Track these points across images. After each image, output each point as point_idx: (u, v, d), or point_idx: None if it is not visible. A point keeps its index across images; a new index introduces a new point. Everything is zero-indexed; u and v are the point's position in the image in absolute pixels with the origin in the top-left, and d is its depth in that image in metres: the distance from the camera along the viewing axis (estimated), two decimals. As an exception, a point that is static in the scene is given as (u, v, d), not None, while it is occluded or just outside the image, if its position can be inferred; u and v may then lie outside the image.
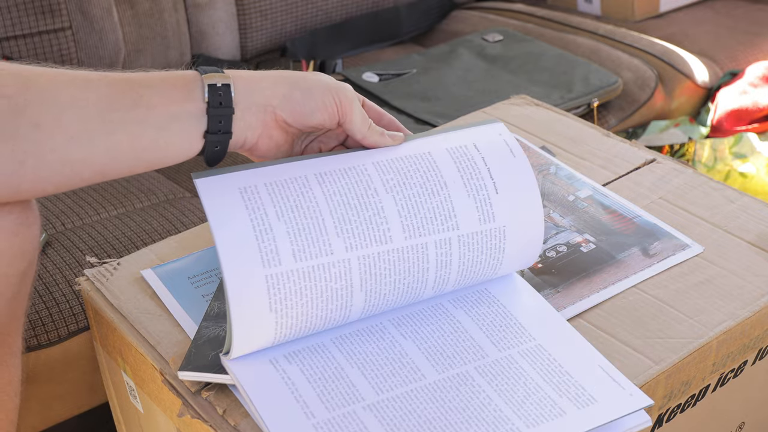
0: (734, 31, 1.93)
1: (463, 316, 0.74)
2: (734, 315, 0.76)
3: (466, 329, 0.73)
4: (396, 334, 0.72)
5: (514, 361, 0.70)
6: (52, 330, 1.10)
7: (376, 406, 0.66)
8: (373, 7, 1.94)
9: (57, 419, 1.16)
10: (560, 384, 0.68)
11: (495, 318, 0.74)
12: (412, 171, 0.72)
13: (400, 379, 0.68)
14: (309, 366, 0.69)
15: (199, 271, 0.84)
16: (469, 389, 0.68)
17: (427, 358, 0.70)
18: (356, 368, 0.69)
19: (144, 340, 0.78)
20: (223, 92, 0.68)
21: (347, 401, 0.66)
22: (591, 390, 0.67)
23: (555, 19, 1.95)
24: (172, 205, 1.32)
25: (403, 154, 0.73)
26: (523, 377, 0.68)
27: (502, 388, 0.68)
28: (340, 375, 0.68)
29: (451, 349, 0.71)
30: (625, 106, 1.68)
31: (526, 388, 0.68)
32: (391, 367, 0.69)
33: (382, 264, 0.69)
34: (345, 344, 0.71)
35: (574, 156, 0.99)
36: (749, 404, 0.85)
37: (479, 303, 0.75)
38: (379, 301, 0.71)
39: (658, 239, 0.85)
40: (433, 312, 0.74)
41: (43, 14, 1.51)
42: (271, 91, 0.70)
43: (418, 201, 0.71)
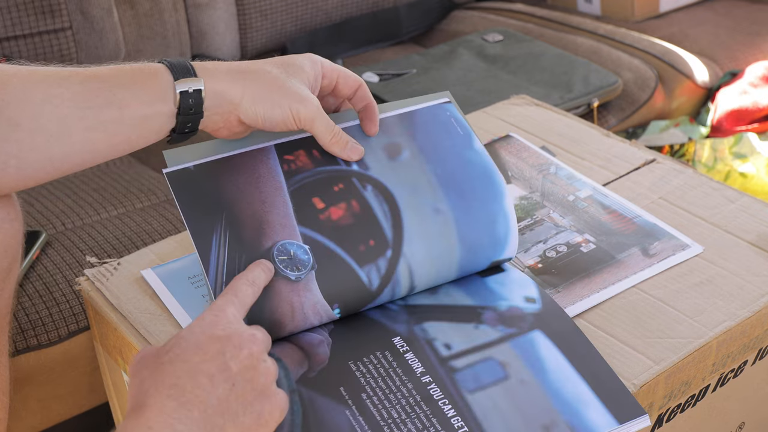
0: (734, 31, 1.93)
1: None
2: (734, 315, 0.76)
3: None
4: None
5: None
6: (52, 330, 1.10)
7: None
8: (373, 7, 1.94)
9: (57, 419, 1.16)
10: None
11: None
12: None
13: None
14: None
15: (199, 271, 0.84)
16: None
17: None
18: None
19: (144, 340, 0.78)
20: (194, 98, 0.70)
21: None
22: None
23: (555, 19, 1.95)
24: (172, 205, 1.32)
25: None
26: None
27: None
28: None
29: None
30: (625, 106, 1.68)
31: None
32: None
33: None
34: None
35: (574, 156, 0.99)
36: (749, 404, 0.85)
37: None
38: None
39: (658, 239, 0.85)
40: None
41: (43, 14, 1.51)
42: (238, 98, 0.72)
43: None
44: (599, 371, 0.69)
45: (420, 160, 0.79)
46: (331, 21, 1.88)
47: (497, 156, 0.98)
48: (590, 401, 0.67)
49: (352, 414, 0.66)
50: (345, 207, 0.75)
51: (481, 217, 0.77)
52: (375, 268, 0.73)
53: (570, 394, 0.67)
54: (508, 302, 0.75)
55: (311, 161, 0.77)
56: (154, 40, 1.67)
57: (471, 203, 0.77)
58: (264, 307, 0.70)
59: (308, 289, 0.71)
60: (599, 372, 0.69)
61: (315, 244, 0.73)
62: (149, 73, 0.70)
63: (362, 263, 0.73)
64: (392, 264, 0.74)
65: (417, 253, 0.75)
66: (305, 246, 0.72)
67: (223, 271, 0.71)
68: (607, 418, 0.66)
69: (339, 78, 0.79)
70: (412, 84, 1.62)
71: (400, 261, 0.74)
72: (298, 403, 0.66)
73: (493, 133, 1.04)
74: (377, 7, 1.94)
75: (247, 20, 1.77)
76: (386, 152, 0.79)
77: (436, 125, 0.82)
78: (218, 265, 0.71)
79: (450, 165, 0.79)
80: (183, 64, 0.71)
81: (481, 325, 0.73)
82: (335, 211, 0.75)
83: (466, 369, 0.69)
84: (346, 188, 0.76)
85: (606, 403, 0.67)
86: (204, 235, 0.72)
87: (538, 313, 0.74)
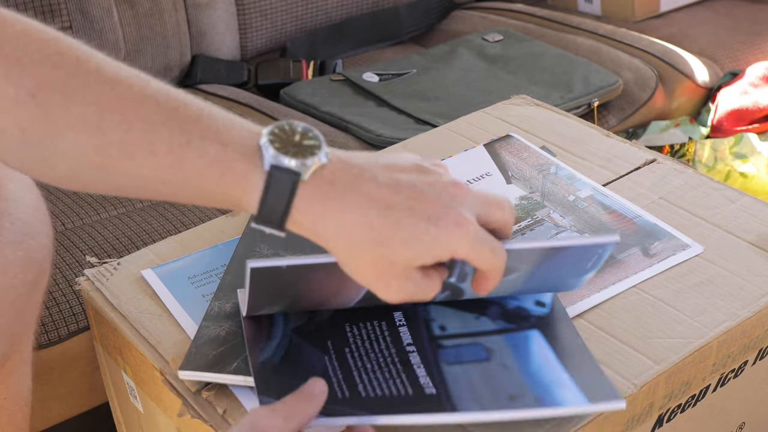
0: (734, 31, 1.93)
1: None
2: (734, 315, 0.76)
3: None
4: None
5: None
6: (52, 330, 1.10)
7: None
8: (373, 7, 1.94)
9: (57, 419, 1.16)
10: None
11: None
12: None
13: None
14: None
15: (199, 271, 0.84)
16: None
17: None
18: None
19: (144, 340, 0.78)
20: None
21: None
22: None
23: (555, 19, 1.95)
24: (172, 205, 1.32)
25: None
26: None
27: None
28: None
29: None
30: (625, 106, 1.68)
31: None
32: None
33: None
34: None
35: (574, 156, 0.99)
36: (749, 404, 0.85)
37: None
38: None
39: (658, 239, 0.85)
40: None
41: (43, 14, 1.51)
42: (331, 245, 0.59)
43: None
44: (583, 363, 0.70)
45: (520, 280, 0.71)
46: (331, 21, 1.88)
47: (497, 156, 0.98)
48: (565, 383, 0.68)
49: (329, 359, 0.69)
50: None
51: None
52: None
53: (546, 377, 0.69)
54: (517, 302, 0.76)
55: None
56: (154, 40, 1.67)
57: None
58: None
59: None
60: (583, 364, 0.70)
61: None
62: (238, 157, 0.56)
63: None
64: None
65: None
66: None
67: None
68: (577, 395, 0.67)
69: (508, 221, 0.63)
70: (412, 84, 1.62)
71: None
72: (286, 344, 0.70)
73: (493, 133, 1.04)
74: (377, 7, 1.94)
75: (247, 20, 1.77)
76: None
77: (573, 258, 0.71)
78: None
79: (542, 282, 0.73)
80: (285, 183, 0.56)
81: (482, 317, 0.74)
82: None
83: (452, 348, 0.71)
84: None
85: (580, 385, 0.68)
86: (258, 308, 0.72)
87: (542, 316, 0.75)
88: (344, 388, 0.66)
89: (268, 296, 0.71)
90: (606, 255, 0.70)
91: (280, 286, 0.69)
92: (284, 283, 0.69)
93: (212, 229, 0.92)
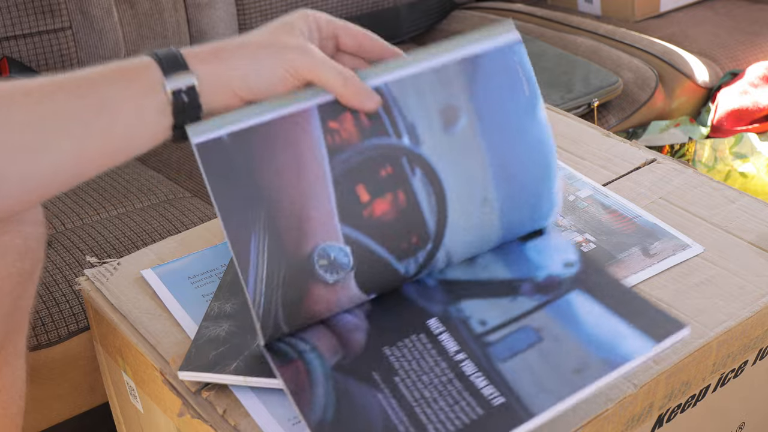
0: (734, 31, 1.93)
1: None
2: (734, 315, 0.76)
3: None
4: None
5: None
6: (52, 330, 1.10)
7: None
8: (373, 7, 1.94)
9: (57, 419, 1.16)
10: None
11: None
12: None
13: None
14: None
15: (199, 271, 0.84)
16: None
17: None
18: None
19: (144, 340, 0.78)
20: (188, 95, 0.66)
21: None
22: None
23: (555, 19, 1.95)
24: (172, 205, 1.32)
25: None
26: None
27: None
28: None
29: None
30: (625, 106, 1.68)
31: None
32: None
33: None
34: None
35: (574, 156, 0.99)
36: (749, 404, 0.85)
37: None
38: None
39: (658, 239, 0.85)
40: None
41: (43, 14, 1.51)
42: (228, 75, 0.67)
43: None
44: (633, 304, 0.68)
45: (476, 133, 0.72)
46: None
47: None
48: (626, 333, 0.65)
49: (384, 397, 0.65)
50: (391, 199, 0.70)
51: (528, 199, 0.74)
52: (414, 260, 0.72)
53: (605, 334, 0.66)
54: (546, 271, 0.73)
55: (358, 130, 0.69)
56: (154, 40, 1.67)
57: (520, 188, 0.74)
58: (301, 310, 0.70)
59: (345, 287, 0.70)
60: (633, 304, 0.68)
61: (356, 245, 0.70)
62: (137, 67, 0.66)
63: (401, 258, 0.71)
64: (431, 254, 0.72)
65: (457, 242, 0.73)
66: (346, 248, 0.69)
67: (263, 282, 0.67)
68: (645, 342, 0.64)
69: (338, 30, 0.72)
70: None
71: (439, 250, 0.73)
72: (332, 388, 0.66)
73: (493, 133, 1.04)
74: (377, 7, 1.94)
75: (247, 20, 1.77)
76: (442, 118, 0.71)
77: (502, 79, 0.73)
78: (257, 278, 0.67)
79: (508, 140, 0.73)
80: (172, 55, 0.66)
81: (518, 297, 0.71)
82: (379, 206, 0.70)
83: (500, 341, 0.68)
84: (394, 173, 0.70)
85: (641, 328, 0.65)
86: (243, 242, 0.67)
87: (575, 275, 0.72)
88: None
89: (236, 201, 0.66)
90: (524, 61, 0.72)
91: (240, 176, 0.66)
92: (242, 172, 0.66)
93: (212, 229, 0.92)
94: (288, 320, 0.69)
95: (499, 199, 0.73)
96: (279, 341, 0.70)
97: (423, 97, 0.71)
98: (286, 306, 0.69)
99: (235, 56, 0.67)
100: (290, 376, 0.67)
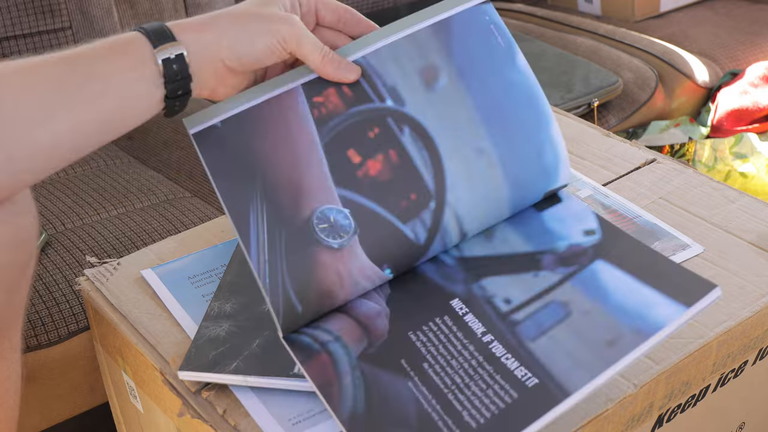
0: (734, 31, 1.93)
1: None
2: (735, 315, 0.76)
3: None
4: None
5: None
6: (52, 330, 1.10)
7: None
8: (373, 7, 1.94)
9: (57, 419, 1.16)
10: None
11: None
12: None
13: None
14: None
15: (199, 271, 0.84)
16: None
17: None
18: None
19: (144, 340, 0.78)
20: (178, 63, 0.67)
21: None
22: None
23: (555, 19, 1.95)
24: (172, 205, 1.32)
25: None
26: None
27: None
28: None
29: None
30: (625, 106, 1.68)
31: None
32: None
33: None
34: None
35: (574, 156, 0.99)
36: (749, 404, 0.85)
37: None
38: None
39: (658, 239, 0.85)
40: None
41: (43, 14, 1.51)
42: (217, 45, 0.69)
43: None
44: (661, 269, 0.67)
45: (459, 88, 0.73)
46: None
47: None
48: (656, 301, 0.64)
49: (414, 385, 0.64)
50: (382, 159, 0.71)
51: (527, 150, 0.74)
52: (420, 222, 0.71)
53: (634, 303, 0.65)
54: (567, 241, 0.72)
55: (342, 101, 0.72)
56: (154, 40, 1.67)
57: (515, 136, 0.74)
58: (311, 280, 0.69)
59: (354, 254, 0.69)
60: (663, 269, 0.67)
61: (355, 206, 0.70)
62: (125, 41, 0.67)
63: (405, 219, 0.71)
64: (437, 215, 0.71)
65: (462, 200, 0.72)
66: (345, 210, 0.70)
67: (265, 250, 0.68)
68: (675, 307, 0.63)
69: (318, 3, 0.75)
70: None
71: (445, 211, 0.71)
72: (360, 378, 0.65)
73: (493, 133, 1.04)
74: (377, 7, 1.94)
75: (247, 20, 1.77)
76: (422, 78, 0.73)
77: (476, 36, 0.75)
78: (259, 244, 0.68)
79: (492, 90, 0.74)
80: (159, 27, 0.68)
81: (540, 272, 0.70)
82: (373, 165, 0.71)
83: (527, 319, 0.67)
84: (382, 133, 0.72)
85: (671, 294, 0.64)
86: (242, 212, 0.69)
87: (598, 244, 0.71)
88: (450, 423, 0.61)
89: (233, 177, 0.69)
90: (495, 18, 0.75)
91: (234, 156, 0.70)
92: (236, 151, 0.70)
93: (212, 229, 0.92)
94: (299, 296, 0.68)
95: (496, 149, 0.73)
96: (299, 333, 0.70)
97: (400, 62, 0.73)
98: (294, 277, 0.68)
99: (222, 25, 0.69)
100: (316, 371, 0.67)
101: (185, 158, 1.52)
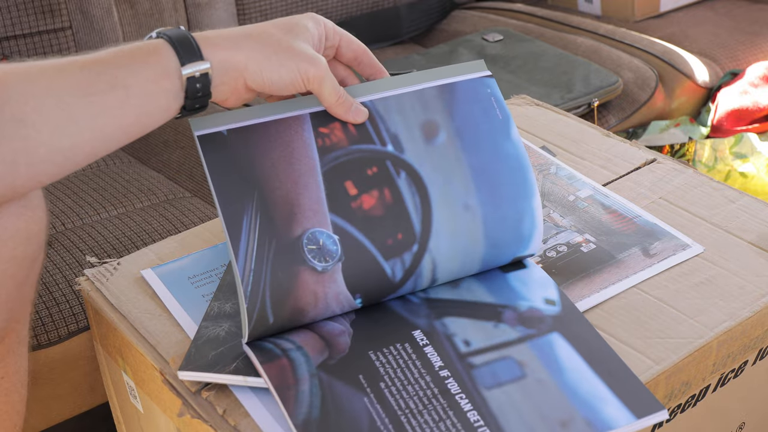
0: (734, 31, 1.93)
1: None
2: (735, 315, 0.76)
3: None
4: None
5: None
6: (52, 330, 1.10)
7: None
8: (373, 7, 1.94)
9: (57, 419, 1.16)
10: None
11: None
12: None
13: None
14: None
15: (199, 271, 0.84)
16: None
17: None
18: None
19: (144, 340, 0.78)
20: (202, 82, 0.69)
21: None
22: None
23: (555, 19, 1.95)
24: (172, 205, 1.32)
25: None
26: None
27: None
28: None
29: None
30: (625, 106, 1.68)
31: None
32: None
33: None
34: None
35: (574, 156, 0.99)
36: (749, 404, 0.85)
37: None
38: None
39: (658, 239, 0.85)
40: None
41: (43, 14, 1.51)
42: (243, 66, 0.70)
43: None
44: (616, 370, 0.69)
45: (456, 146, 0.77)
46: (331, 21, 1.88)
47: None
48: (607, 398, 0.67)
49: (370, 402, 0.67)
50: (377, 195, 0.74)
51: (509, 215, 0.77)
52: (400, 261, 0.73)
53: (587, 392, 0.67)
54: (528, 303, 0.76)
55: (346, 137, 0.76)
56: (154, 40, 1.67)
57: (501, 200, 0.77)
58: (289, 296, 0.70)
59: (333, 279, 0.72)
60: (616, 371, 0.69)
61: (344, 235, 0.72)
62: (149, 50, 0.68)
63: (388, 256, 0.73)
64: (417, 258, 0.74)
65: (442, 249, 0.75)
66: (335, 236, 0.72)
67: (252, 257, 0.70)
68: (625, 413, 0.66)
69: (342, 41, 0.78)
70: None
71: (425, 256, 0.74)
72: (317, 386, 0.67)
73: (493, 133, 1.04)
74: (377, 7, 1.94)
75: (247, 20, 1.77)
76: (423, 132, 0.77)
77: (477, 104, 0.80)
78: (248, 253, 0.70)
79: (485, 154, 0.78)
80: (185, 40, 0.68)
81: (500, 324, 0.73)
82: (367, 200, 0.74)
83: (484, 366, 0.70)
84: (380, 173, 0.75)
85: (623, 400, 0.67)
86: (235, 218, 0.71)
87: (557, 316, 0.74)
88: None
89: (231, 183, 0.71)
90: (495, 91, 0.79)
91: (236, 164, 0.72)
92: (239, 160, 0.72)
93: (212, 229, 0.92)
94: (274, 308, 0.70)
95: (482, 208, 0.76)
96: (263, 341, 0.72)
97: (405, 113, 0.78)
98: (274, 289, 0.70)
99: (252, 48, 0.71)
100: (275, 373, 0.69)
101: (185, 158, 1.52)
